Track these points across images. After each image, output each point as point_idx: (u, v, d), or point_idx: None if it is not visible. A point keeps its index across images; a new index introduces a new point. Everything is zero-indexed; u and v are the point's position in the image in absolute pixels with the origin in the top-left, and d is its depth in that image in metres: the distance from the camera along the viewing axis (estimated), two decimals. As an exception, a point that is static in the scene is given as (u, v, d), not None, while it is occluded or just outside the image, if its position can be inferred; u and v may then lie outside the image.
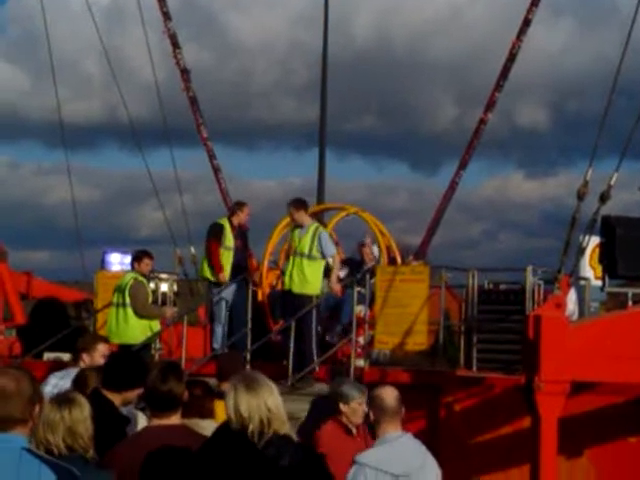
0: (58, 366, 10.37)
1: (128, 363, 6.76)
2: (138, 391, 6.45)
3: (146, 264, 13.54)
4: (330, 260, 13.46)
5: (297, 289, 13.19)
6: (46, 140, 60.52)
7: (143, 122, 25.31)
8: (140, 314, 13.30)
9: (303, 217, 13.38)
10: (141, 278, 13.43)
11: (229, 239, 13.99)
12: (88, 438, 5.10)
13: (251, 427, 4.67)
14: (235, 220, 14.14)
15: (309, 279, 13.16)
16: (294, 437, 4.78)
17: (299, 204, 13.44)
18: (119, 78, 19.81)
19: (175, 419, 5.54)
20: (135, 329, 13.25)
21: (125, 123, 20.01)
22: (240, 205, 14.51)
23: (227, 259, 13.96)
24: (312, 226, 13.36)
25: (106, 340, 9.29)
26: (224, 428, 4.83)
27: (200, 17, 57.21)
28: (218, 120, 61.35)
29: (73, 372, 8.26)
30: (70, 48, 44.34)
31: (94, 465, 5.10)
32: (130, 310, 13.30)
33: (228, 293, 13.97)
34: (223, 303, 13.97)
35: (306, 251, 13.15)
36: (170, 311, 14.09)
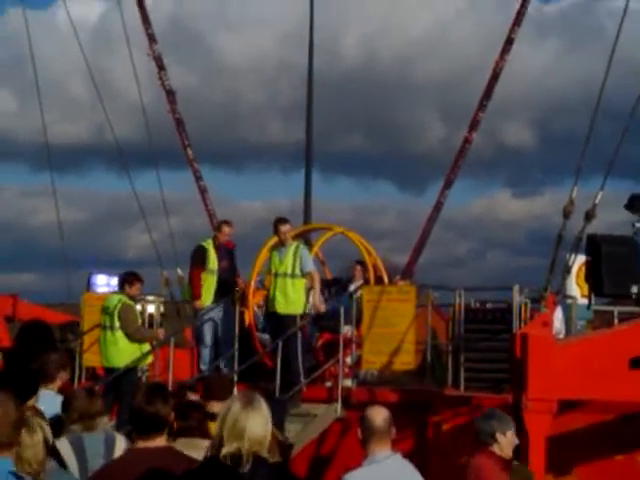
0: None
1: (19, 374, 6.79)
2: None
3: (137, 288, 13.44)
4: (308, 276, 13.32)
5: (281, 310, 13.19)
6: (32, 162, 60.49)
7: (130, 144, 25.29)
8: (133, 338, 13.17)
9: (289, 234, 13.42)
10: (129, 301, 13.31)
11: (212, 261, 13.92)
12: (37, 463, 4.99)
13: (227, 448, 4.67)
14: (217, 241, 14.09)
15: (293, 299, 13.16)
16: (269, 458, 4.77)
17: (288, 221, 13.55)
18: (106, 100, 19.79)
19: (160, 441, 5.51)
20: (125, 352, 13.13)
21: (112, 145, 19.98)
22: (219, 225, 14.50)
23: (210, 282, 13.89)
24: (292, 245, 13.38)
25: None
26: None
27: (187, 38, 57.30)
28: (205, 141, 61.49)
29: (43, 393, 8.17)
30: (57, 69, 44.35)
31: None
32: (119, 333, 13.16)
33: (214, 314, 13.93)
34: (209, 324, 13.92)
35: (289, 271, 13.16)
36: (162, 333, 14.04)
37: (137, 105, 19.93)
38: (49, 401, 7.61)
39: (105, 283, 19.44)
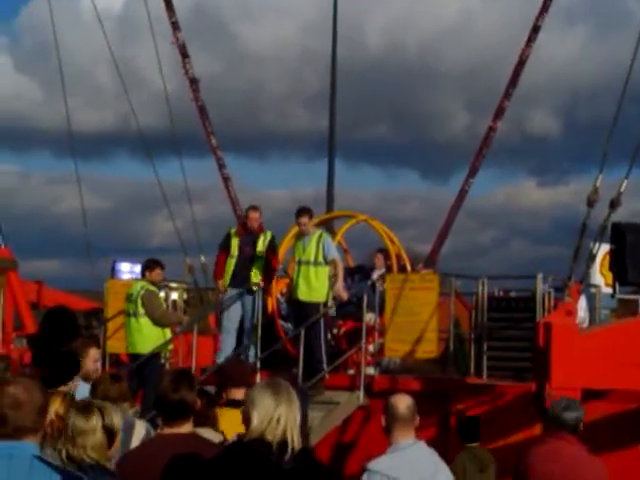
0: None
1: (54, 360, 6.79)
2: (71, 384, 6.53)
3: (157, 274, 13.53)
4: (331, 264, 13.30)
5: (304, 297, 13.21)
6: (58, 149, 60.92)
7: (155, 131, 25.32)
8: (160, 323, 13.28)
9: (310, 225, 13.47)
10: (152, 287, 13.39)
11: (233, 247, 13.97)
12: (92, 449, 5.00)
13: (270, 436, 4.67)
14: (243, 228, 14.11)
15: (316, 286, 13.18)
16: (297, 442, 4.78)
17: (308, 212, 13.54)
18: (131, 88, 19.85)
19: (186, 427, 5.54)
20: (149, 339, 13.22)
21: (137, 132, 20.03)
22: (246, 211, 14.51)
23: (229, 267, 13.96)
24: (316, 233, 13.42)
25: (97, 345, 9.19)
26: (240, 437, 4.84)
27: (211, 27, 57.38)
28: (229, 130, 61.60)
29: None
30: (83, 58, 44.47)
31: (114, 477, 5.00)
32: (143, 320, 13.26)
33: (232, 301, 13.90)
34: (227, 311, 13.92)
35: (312, 258, 13.19)
36: (186, 318, 14.22)
37: (161, 93, 19.99)
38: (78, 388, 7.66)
39: (129, 270, 19.54)
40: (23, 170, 77.29)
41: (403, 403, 6.42)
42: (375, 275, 14.76)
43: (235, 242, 13.95)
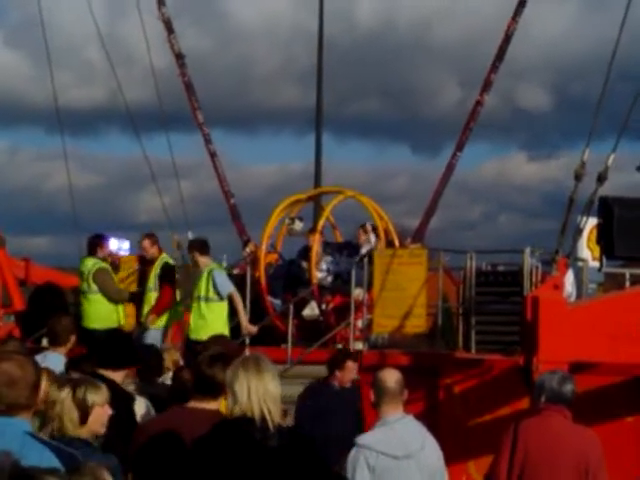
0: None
1: (123, 342, 6.95)
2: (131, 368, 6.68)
3: (105, 247, 13.55)
4: (228, 298, 12.37)
5: (194, 335, 12.12)
6: (47, 126, 60.63)
7: (144, 108, 25.25)
8: (114, 299, 13.22)
9: (204, 260, 12.51)
10: (104, 264, 13.37)
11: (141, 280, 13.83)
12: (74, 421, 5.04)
13: (250, 413, 4.69)
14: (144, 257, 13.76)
15: (209, 324, 12.14)
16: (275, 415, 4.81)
17: (204, 248, 12.62)
18: (122, 64, 19.85)
19: (214, 405, 5.71)
20: (106, 314, 13.17)
21: (125, 109, 19.99)
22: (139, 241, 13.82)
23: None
24: (207, 268, 12.43)
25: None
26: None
27: (201, 3, 57.06)
28: (219, 106, 61.42)
29: (51, 356, 8.25)
30: (73, 33, 44.23)
31: (99, 450, 5.04)
32: (96, 296, 13.22)
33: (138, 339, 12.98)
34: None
35: (202, 294, 12.33)
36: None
37: (150, 69, 19.94)
38: (57, 363, 7.69)
39: (116, 247, 19.51)
40: (12, 146, 76.99)
41: (392, 378, 6.45)
42: (364, 250, 14.77)
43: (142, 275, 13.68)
